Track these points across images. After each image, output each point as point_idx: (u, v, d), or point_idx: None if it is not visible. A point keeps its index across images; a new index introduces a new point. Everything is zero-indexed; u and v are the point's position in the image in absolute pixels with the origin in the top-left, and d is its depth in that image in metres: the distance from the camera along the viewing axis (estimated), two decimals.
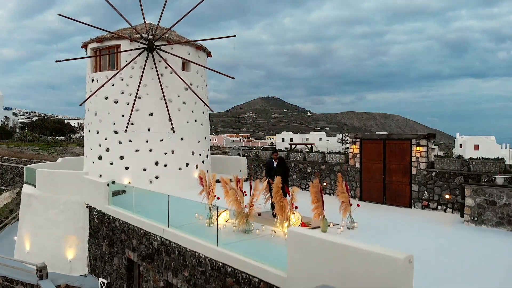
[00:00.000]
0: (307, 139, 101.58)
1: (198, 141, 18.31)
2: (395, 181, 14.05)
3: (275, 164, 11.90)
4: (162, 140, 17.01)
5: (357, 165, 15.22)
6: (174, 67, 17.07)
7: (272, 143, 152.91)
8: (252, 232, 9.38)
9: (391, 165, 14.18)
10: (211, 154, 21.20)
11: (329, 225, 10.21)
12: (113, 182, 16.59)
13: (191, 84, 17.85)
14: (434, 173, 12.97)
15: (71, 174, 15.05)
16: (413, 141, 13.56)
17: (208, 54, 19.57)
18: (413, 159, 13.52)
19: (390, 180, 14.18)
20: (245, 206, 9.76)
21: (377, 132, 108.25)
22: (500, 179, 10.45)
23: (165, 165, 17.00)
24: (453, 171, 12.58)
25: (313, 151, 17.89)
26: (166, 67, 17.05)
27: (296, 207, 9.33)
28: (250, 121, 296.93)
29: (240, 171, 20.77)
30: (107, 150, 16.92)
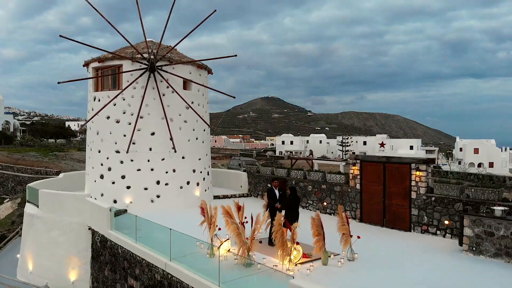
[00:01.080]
0: (307, 141, 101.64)
1: (199, 159, 18.42)
2: (395, 204, 14.17)
3: (276, 191, 12.02)
4: (163, 159, 17.12)
5: (357, 186, 15.34)
6: (176, 86, 17.18)
7: (272, 144, 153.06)
8: (254, 266, 9.49)
9: (391, 188, 14.30)
10: (211, 156, 21.12)
11: (330, 256, 10.33)
12: (115, 201, 16.79)
13: (192, 103, 17.95)
14: (433, 198, 13.09)
15: (73, 196, 15.17)
16: (413, 165, 13.67)
17: (209, 72, 19.68)
18: (413, 183, 13.64)
19: (390, 203, 14.30)
20: (247, 238, 9.89)
21: (377, 135, 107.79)
22: (498, 211, 10.56)
23: (166, 184, 17.12)
24: (452, 197, 12.70)
25: (314, 170, 17.98)
26: (167, 87, 17.15)
27: (298, 243, 9.45)
28: (250, 121, 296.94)
29: (241, 186, 20.91)
30: (109, 169, 17.04)
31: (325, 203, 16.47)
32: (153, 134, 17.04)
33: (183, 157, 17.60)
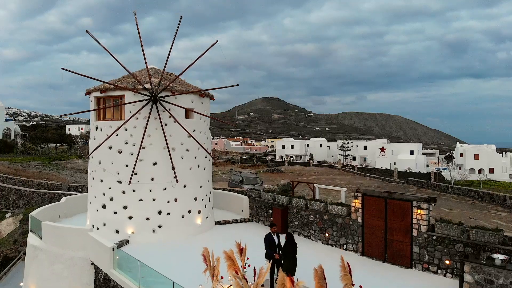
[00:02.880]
0: (308, 145, 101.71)
1: (201, 186, 18.50)
2: (396, 240, 14.24)
3: (274, 237, 12.08)
4: (165, 189, 17.19)
5: (359, 219, 15.42)
6: (178, 116, 17.25)
7: (273, 146, 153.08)
8: None
9: (392, 223, 14.37)
10: (211, 163, 20.87)
11: None
12: (117, 232, 16.89)
13: (194, 131, 18.04)
14: (434, 237, 13.17)
15: (76, 230, 15.26)
16: (414, 203, 13.74)
17: (211, 98, 19.74)
18: (414, 220, 13.71)
19: (391, 238, 14.37)
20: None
21: (378, 139, 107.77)
22: (498, 260, 10.64)
23: (168, 214, 17.20)
24: (453, 237, 12.77)
25: (315, 199, 18.04)
26: (169, 117, 17.21)
27: None
28: (251, 122, 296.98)
29: (242, 210, 20.99)
30: (111, 199, 17.11)
31: (327, 234, 16.54)
32: (155, 164, 17.10)
33: (184, 186, 17.66)
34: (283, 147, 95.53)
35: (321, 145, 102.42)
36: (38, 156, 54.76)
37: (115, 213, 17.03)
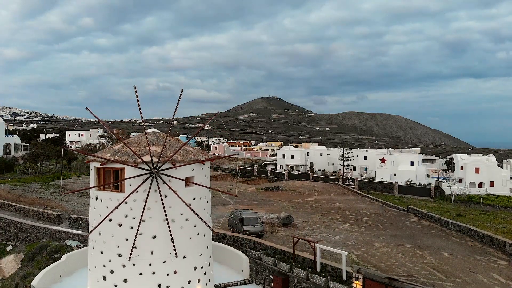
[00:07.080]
0: (308, 153, 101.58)
1: (200, 254, 18.45)
2: None
3: None
4: (164, 262, 17.16)
5: None
6: (178, 187, 17.19)
7: (273, 149, 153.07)
8: None
9: None
10: (211, 175, 20.79)
11: None
12: None
13: (194, 199, 17.99)
14: None
15: None
16: None
17: (212, 160, 19.65)
18: None
19: None
20: None
21: (378, 149, 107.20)
22: None
23: (167, 287, 17.18)
24: None
25: (317, 271, 17.98)
26: (169, 188, 17.14)
27: None
28: (251, 122, 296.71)
29: (242, 270, 20.95)
30: (111, 271, 17.09)
31: None
32: (154, 237, 17.05)
33: (184, 257, 17.62)
34: (284, 156, 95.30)
35: (321, 154, 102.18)
36: (38, 176, 54.78)
37: (116, 286, 17.02)
